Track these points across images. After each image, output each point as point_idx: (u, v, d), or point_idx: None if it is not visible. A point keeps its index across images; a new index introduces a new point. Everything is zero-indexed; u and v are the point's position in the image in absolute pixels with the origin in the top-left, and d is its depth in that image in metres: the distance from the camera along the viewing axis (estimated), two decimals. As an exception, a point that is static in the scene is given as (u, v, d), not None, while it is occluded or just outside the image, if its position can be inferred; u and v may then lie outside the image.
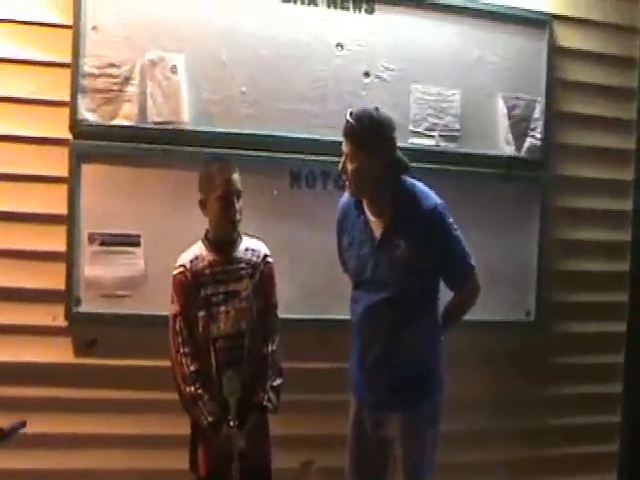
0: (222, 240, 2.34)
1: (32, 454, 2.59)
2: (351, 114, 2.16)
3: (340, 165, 2.22)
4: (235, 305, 2.32)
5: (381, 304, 2.25)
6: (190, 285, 2.32)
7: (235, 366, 2.27)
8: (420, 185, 2.26)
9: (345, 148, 2.19)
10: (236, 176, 2.29)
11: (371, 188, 2.20)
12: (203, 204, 2.30)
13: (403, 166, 2.22)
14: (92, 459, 2.70)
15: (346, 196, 2.36)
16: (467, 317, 2.52)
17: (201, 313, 2.30)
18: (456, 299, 2.36)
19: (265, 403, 2.29)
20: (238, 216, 2.28)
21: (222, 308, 2.31)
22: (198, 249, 2.38)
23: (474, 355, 2.96)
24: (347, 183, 2.25)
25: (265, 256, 2.40)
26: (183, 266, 2.33)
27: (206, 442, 2.26)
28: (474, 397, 2.98)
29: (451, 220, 2.23)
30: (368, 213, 2.27)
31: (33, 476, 2.65)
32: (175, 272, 2.34)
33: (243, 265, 2.35)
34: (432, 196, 2.24)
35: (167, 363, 2.36)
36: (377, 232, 2.25)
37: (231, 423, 2.20)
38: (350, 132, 2.16)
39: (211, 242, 2.36)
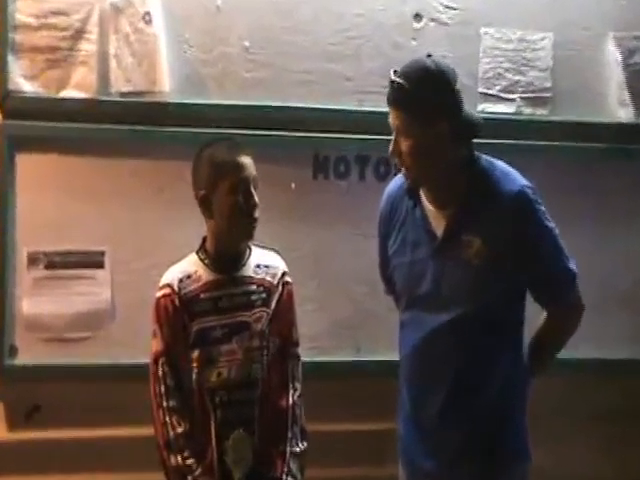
0: (227, 253, 2.19)
1: None
2: (396, 72, 2.02)
3: (390, 146, 2.07)
4: (243, 343, 2.16)
5: (446, 329, 2.09)
6: (179, 314, 2.15)
7: (243, 427, 2.13)
8: (500, 163, 2.13)
9: (394, 120, 2.04)
10: (251, 160, 2.14)
11: (437, 170, 2.06)
12: (207, 201, 2.11)
13: (475, 127, 2.07)
14: None
15: (394, 183, 2.26)
16: (568, 353, 2.37)
17: (194, 353, 2.15)
18: (550, 322, 2.18)
19: (285, 477, 2.16)
20: (257, 212, 2.14)
21: (225, 347, 2.15)
22: (191, 264, 2.21)
23: (581, 409, 2.86)
24: (402, 169, 2.09)
25: (283, 274, 2.25)
26: (169, 287, 2.15)
27: None
28: (576, 463, 2.87)
29: (543, 209, 2.09)
30: (426, 203, 2.12)
31: None
32: (158, 294, 2.18)
33: (254, 287, 2.19)
34: (517, 176, 2.10)
35: (146, 431, 2.20)
36: (439, 228, 2.10)
37: None
38: (399, 96, 2.00)
39: (210, 255, 2.19)
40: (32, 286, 2.58)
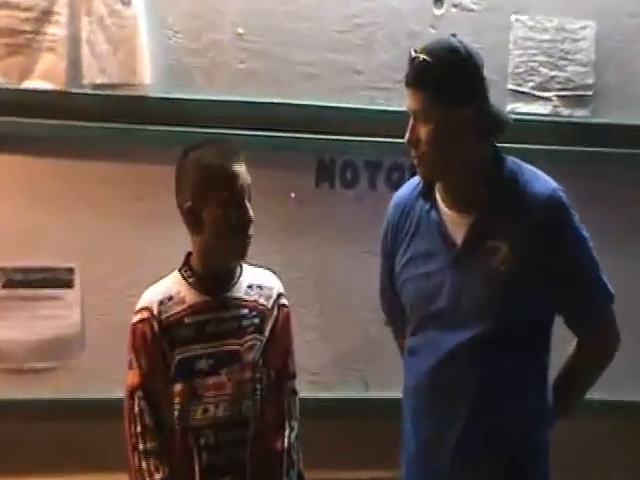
0: (215, 271, 2.09)
1: None
2: (415, 51, 1.92)
3: (407, 133, 1.95)
4: (233, 375, 2.04)
5: (465, 351, 1.98)
6: (158, 341, 2.04)
7: (232, 473, 2.03)
8: (528, 166, 2.04)
9: (413, 104, 1.92)
10: (244, 169, 2.05)
11: (458, 162, 1.96)
12: (193, 214, 1.98)
13: (501, 122, 1.97)
14: None
15: (404, 189, 2.16)
16: (617, 397, 2.55)
17: (176, 387, 2.03)
18: (582, 351, 2.07)
19: None
20: (251, 229, 2.06)
21: (212, 380, 2.03)
22: (173, 284, 2.09)
23: (628, 458, 2.78)
24: (417, 162, 1.98)
25: (279, 296, 2.13)
26: (147, 310, 2.04)
27: None
28: None
29: (577, 216, 1.99)
30: (443, 207, 2.02)
31: None
32: (135, 319, 2.06)
33: (245, 311, 2.07)
34: (548, 179, 2.00)
35: (119, 478, 2.10)
36: (458, 234, 1.99)
37: None
38: (422, 75, 1.89)
39: (196, 274, 2.07)
40: None
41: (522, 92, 2.77)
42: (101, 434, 2.37)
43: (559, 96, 2.79)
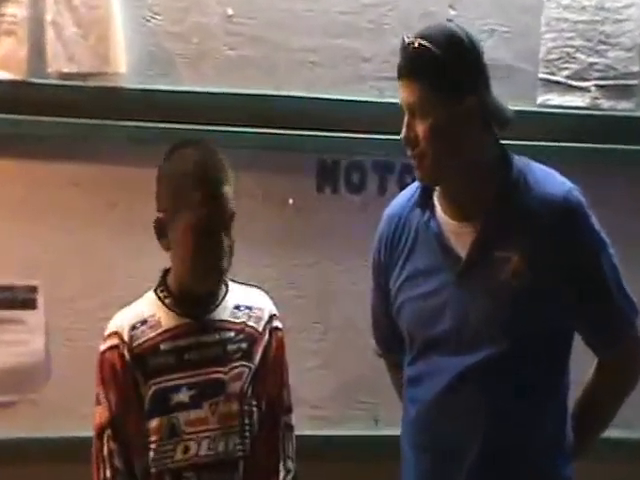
0: (193, 293, 1.99)
1: None
2: (409, 37, 1.86)
3: (403, 130, 1.87)
4: (217, 408, 1.95)
5: (474, 376, 1.89)
6: (130, 371, 1.96)
7: None
8: (539, 165, 1.97)
9: (409, 96, 1.84)
10: (227, 187, 1.90)
11: (461, 160, 1.87)
12: (162, 228, 1.93)
13: (506, 114, 1.90)
14: None
15: (398, 200, 2.08)
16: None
17: (152, 423, 1.93)
18: (602, 375, 1.99)
19: None
20: (226, 262, 1.91)
21: (193, 414, 1.94)
22: (148, 306, 2.00)
23: None
24: (416, 162, 1.89)
25: (271, 318, 2.02)
26: (117, 336, 1.95)
27: None
28: None
29: (595, 219, 1.91)
30: (444, 217, 1.94)
31: None
32: (103, 347, 1.96)
33: (231, 335, 1.97)
34: (561, 179, 1.92)
35: None
36: (462, 246, 1.90)
37: None
38: (421, 63, 1.82)
39: (173, 294, 1.99)
40: None
41: (556, 82, 2.64)
42: (66, 478, 2.29)
43: (599, 86, 2.66)
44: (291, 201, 2.54)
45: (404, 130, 1.88)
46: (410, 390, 2.04)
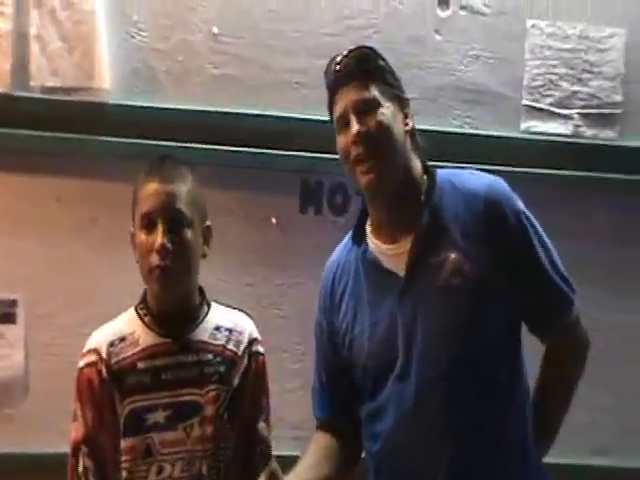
0: (169, 309, 1.95)
1: None
2: (341, 54, 1.88)
3: (356, 127, 1.81)
4: (192, 430, 1.93)
5: (428, 396, 1.83)
6: (107, 389, 1.94)
7: None
8: (463, 170, 1.99)
9: (360, 96, 1.83)
10: (181, 188, 1.90)
11: (402, 161, 1.85)
12: (133, 242, 1.95)
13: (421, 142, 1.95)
14: None
15: (335, 253, 2.05)
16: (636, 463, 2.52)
17: (127, 442, 1.91)
18: (551, 360, 1.96)
19: None
20: (163, 258, 1.84)
21: (168, 435, 1.92)
22: (127, 324, 1.98)
23: None
24: (367, 163, 1.82)
25: (252, 341, 1.99)
26: (95, 352, 1.94)
27: None
28: None
29: (522, 204, 1.93)
30: (377, 242, 1.91)
31: None
32: (81, 363, 1.95)
33: (209, 357, 1.95)
34: (485, 175, 1.94)
35: None
36: (399, 266, 1.88)
37: None
38: (366, 62, 1.86)
39: (152, 312, 1.96)
40: None
41: (539, 109, 2.67)
42: None
43: (581, 114, 2.69)
44: (274, 221, 2.52)
45: (357, 126, 1.83)
46: (371, 427, 1.97)
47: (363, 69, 1.87)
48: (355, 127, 1.81)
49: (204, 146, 2.43)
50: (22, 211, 2.45)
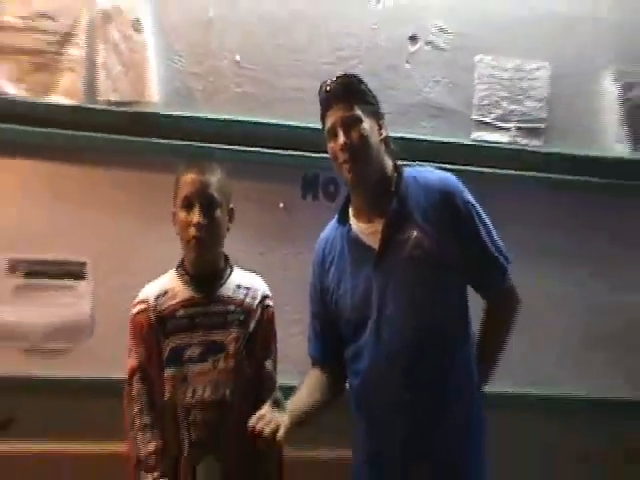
0: (202, 271, 2.31)
1: None
2: (330, 79, 2.22)
3: (342, 139, 2.15)
4: (218, 363, 2.26)
5: (398, 341, 2.18)
6: (154, 330, 2.27)
7: (215, 450, 2.23)
8: (424, 167, 2.35)
9: (345, 113, 2.18)
10: (212, 178, 2.26)
11: (378, 162, 2.22)
12: (174, 220, 2.25)
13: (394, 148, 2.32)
14: None
15: (325, 232, 2.43)
16: (557, 391, 2.88)
17: (169, 371, 2.25)
18: (489, 316, 2.33)
19: None
20: (199, 231, 2.19)
21: (199, 366, 2.25)
22: (169, 281, 2.34)
23: (565, 449, 2.98)
24: (350, 165, 2.18)
25: (264, 297, 2.35)
26: (145, 302, 2.28)
27: None
28: None
29: (468, 194, 2.27)
30: (357, 223, 2.28)
31: None
32: (134, 310, 2.30)
33: (232, 307, 2.29)
34: (440, 171, 2.31)
35: (120, 448, 2.31)
36: (374, 241, 2.24)
37: None
38: (351, 86, 2.21)
39: (188, 272, 2.32)
40: (11, 294, 2.71)
41: (485, 122, 3.03)
42: (108, 410, 2.45)
43: (517, 127, 3.05)
44: (281, 205, 2.86)
45: (343, 138, 2.17)
46: (352, 365, 2.30)
47: (347, 92, 2.21)
48: (342, 139, 2.16)
49: (228, 147, 2.73)
50: (92, 194, 2.74)
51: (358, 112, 2.19)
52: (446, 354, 2.22)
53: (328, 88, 2.24)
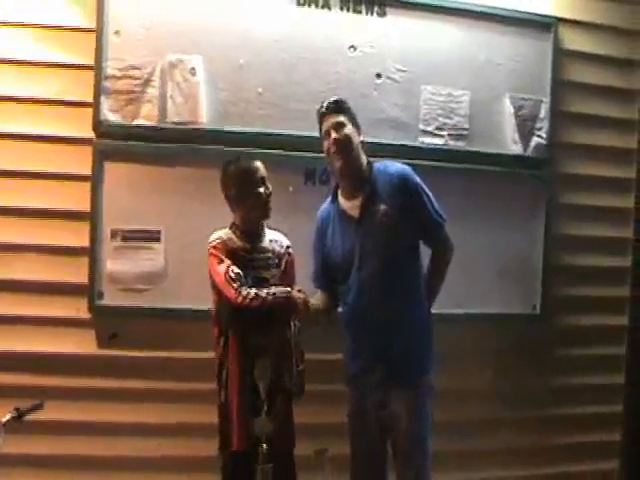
0: (251, 229, 2.84)
1: (56, 439, 3.27)
2: (326, 100, 2.79)
3: (334, 135, 2.69)
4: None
5: (373, 279, 2.70)
6: (229, 253, 2.80)
7: (266, 352, 2.68)
8: (389, 162, 2.85)
9: (334, 122, 2.72)
10: (263, 170, 2.84)
11: (357, 157, 2.76)
12: (232, 199, 2.83)
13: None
14: (117, 446, 3.34)
15: (320, 211, 2.94)
16: (475, 310, 3.48)
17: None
18: (434, 257, 2.84)
19: (292, 388, 2.78)
20: (269, 203, 2.82)
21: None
22: (227, 234, 2.85)
23: (481, 347, 3.64)
24: (339, 158, 2.70)
25: (287, 247, 2.95)
26: (220, 238, 2.83)
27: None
28: (481, 387, 3.64)
29: (418, 178, 2.79)
30: (343, 201, 2.80)
31: (53, 460, 3.29)
32: (213, 243, 2.81)
33: (270, 255, 2.88)
34: (400, 164, 2.83)
35: (184, 354, 3.16)
36: (355, 212, 2.75)
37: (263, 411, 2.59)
38: (340, 104, 2.78)
39: (240, 230, 2.85)
40: (113, 253, 3.32)
41: (428, 131, 3.62)
42: (175, 328, 3.22)
43: (449, 134, 3.63)
44: (291, 189, 3.40)
45: (335, 135, 2.68)
46: (344, 297, 2.79)
47: (336, 108, 2.76)
48: (333, 135, 2.69)
49: (254, 150, 3.20)
50: (164, 184, 3.28)
51: (344, 119, 2.72)
52: (405, 285, 2.72)
53: (323, 106, 2.78)
